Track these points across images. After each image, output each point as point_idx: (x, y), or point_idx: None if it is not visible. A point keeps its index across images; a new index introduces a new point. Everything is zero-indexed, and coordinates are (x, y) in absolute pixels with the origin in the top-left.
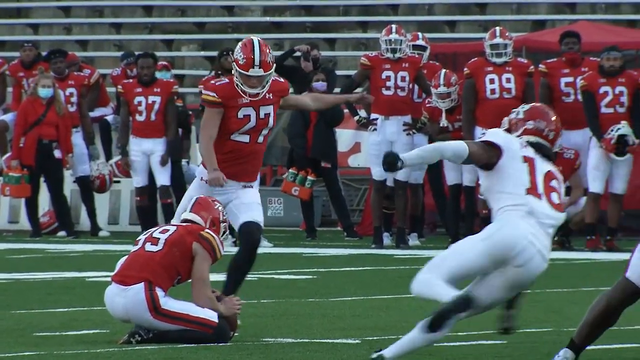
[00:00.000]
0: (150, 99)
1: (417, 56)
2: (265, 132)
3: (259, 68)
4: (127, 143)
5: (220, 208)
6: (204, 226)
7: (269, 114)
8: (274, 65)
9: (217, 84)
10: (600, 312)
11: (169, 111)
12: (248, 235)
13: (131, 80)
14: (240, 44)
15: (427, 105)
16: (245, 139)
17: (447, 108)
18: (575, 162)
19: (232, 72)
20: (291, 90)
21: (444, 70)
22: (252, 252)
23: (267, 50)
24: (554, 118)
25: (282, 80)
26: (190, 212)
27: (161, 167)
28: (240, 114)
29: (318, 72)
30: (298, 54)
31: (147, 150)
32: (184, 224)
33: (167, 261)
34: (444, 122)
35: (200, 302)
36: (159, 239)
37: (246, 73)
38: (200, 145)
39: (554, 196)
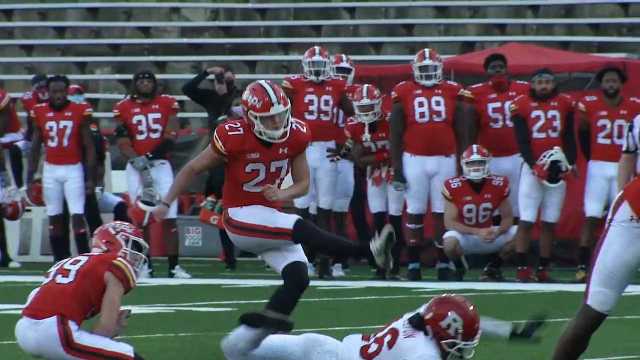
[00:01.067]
0: (62, 123)
1: (341, 79)
2: (277, 181)
3: (279, 104)
4: (35, 170)
5: (109, 225)
6: (115, 254)
7: (282, 167)
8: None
9: (230, 133)
10: (569, 342)
11: (84, 135)
12: (297, 274)
13: (43, 105)
14: (247, 91)
15: (350, 123)
16: (257, 189)
17: (370, 122)
18: (505, 190)
19: (247, 122)
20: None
21: (366, 85)
22: (298, 293)
23: (277, 87)
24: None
25: (304, 130)
26: (95, 240)
27: (76, 195)
28: (248, 168)
29: (238, 96)
30: (211, 76)
31: (61, 178)
32: (96, 253)
33: (79, 293)
34: (367, 136)
35: (108, 326)
36: (70, 270)
37: (268, 114)
38: (178, 174)
39: None
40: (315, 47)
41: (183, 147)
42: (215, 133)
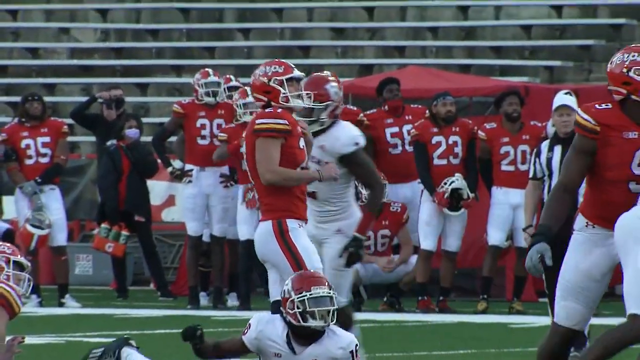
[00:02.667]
0: None
1: (232, 101)
2: None
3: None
4: None
5: (6, 251)
6: None
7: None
8: None
9: (279, 111)
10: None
11: None
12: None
13: None
14: (260, 68)
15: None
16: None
17: None
18: (403, 216)
19: (278, 101)
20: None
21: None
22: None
23: None
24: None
25: None
26: None
27: None
28: (301, 143)
29: (130, 120)
30: (101, 100)
31: None
32: None
33: None
34: None
35: None
36: None
37: (293, 75)
38: (277, 177)
39: None
40: (208, 68)
41: (73, 172)
42: (268, 119)
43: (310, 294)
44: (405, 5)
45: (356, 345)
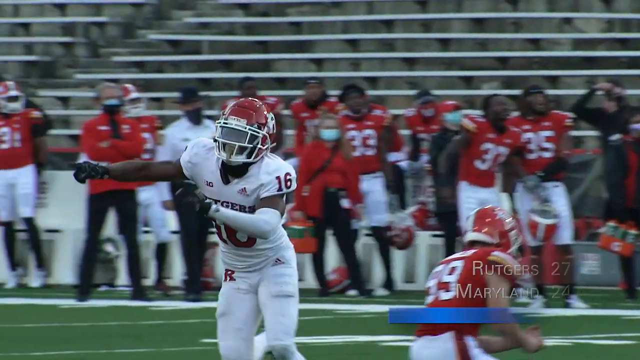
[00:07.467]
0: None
1: None
2: None
3: None
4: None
5: (504, 216)
6: (491, 248)
7: None
8: None
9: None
10: None
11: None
12: None
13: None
14: None
15: None
16: None
17: None
18: None
19: None
20: None
21: None
22: None
23: None
24: None
25: None
26: (472, 231)
27: None
28: None
29: (636, 114)
30: (600, 93)
31: None
32: (469, 252)
33: (466, 305)
34: None
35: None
36: (449, 283)
37: None
38: None
39: None
40: None
41: (577, 168)
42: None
43: (224, 122)
44: None
45: (287, 173)
